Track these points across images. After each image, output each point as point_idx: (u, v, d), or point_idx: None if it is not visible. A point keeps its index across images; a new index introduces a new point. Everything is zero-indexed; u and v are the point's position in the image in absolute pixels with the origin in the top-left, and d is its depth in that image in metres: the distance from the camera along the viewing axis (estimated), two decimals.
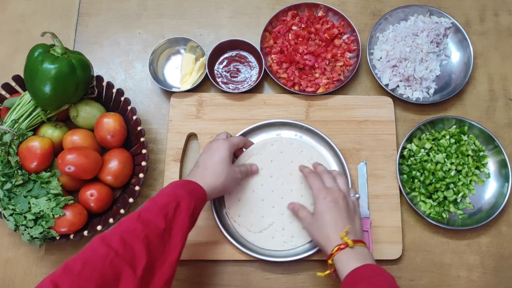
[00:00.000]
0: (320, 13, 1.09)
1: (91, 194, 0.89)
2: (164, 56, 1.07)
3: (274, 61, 1.05)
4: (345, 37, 1.08)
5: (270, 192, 0.92)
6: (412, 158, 0.99)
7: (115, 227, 0.67)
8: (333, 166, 0.97)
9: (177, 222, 0.70)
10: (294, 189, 0.93)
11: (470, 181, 0.98)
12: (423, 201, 0.96)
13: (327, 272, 0.78)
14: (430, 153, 0.98)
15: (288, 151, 0.95)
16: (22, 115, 0.91)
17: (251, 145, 0.95)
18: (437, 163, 0.97)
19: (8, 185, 0.86)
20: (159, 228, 0.68)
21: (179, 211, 0.71)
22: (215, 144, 0.86)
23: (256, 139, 0.98)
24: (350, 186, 0.92)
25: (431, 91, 1.04)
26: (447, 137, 0.99)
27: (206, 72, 1.02)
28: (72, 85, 0.89)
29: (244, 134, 0.98)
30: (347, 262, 0.74)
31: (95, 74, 0.97)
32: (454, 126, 1.00)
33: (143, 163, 0.91)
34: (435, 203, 0.96)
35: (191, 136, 1.01)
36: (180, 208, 0.71)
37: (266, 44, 1.07)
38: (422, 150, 0.99)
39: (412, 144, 0.99)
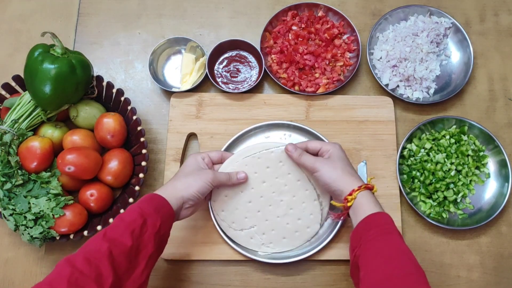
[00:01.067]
0: (320, 13, 1.09)
1: (91, 194, 0.89)
2: (164, 56, 1.07)
3: (274, 61, 1.05)
4: (345, 37, 1.08)
5: (259, 197, 0.89)
6: (412, 158, 0.99)
7: (80, 249, 0.67)
8: None
9: (144, 240, 0.70)
10: (285, 200, 0.89)
11: (470, 181, 0.98)
12: (423, 201, 0.96)
13: (342, 204, 0.80)
14: (430, 153, 0.98)
15: (288, 162, 0.89)
16: (22, 115, 0.91)
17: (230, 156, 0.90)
18: (437, 163, 0.97)
19: (8, 185, 0.86)
20: (125, 246, 0.67)
21: (145, 228, 0.70)
22: (186, 159, 0.86)
23: (251, 141, 0.98)
24: None
25: (431, 91, 1.04)
26: (447, 137, 0.99)
27: (206, 72, 1.02)
28: (72, 85, 0.89)
29: (243, 135, 0.98)
30: (368, 205, 0.76)
31: (95, 74, 0.97)
32: (454, 126, 1.00)
33: (143, 163, 0.91)
34: (435, 203, 0.96)
35: (191, 136, 1.01)
36: (147, 225, 0.70)
37: (266, 44, 1.07)
38: (422, 150, 0.99)
39: (412, 144, 0.99)
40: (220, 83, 1.03)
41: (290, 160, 0.88)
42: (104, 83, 0.97)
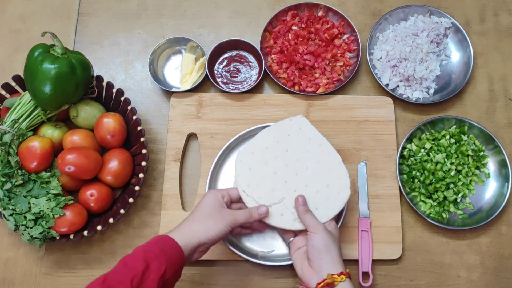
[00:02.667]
0: (320, 13, 1.09)
1: (91, 194, 0.89)
2: (164, 56, 1.07)
3: (274, 61, 1.05)
4: (345, 37, 1.08)
5: (284, 166, 0.86)
6: (412, 158, 0.99)
7: None
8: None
9: (145, 286, 0.66)
10: (310, 167, 0.86)
11: (470, 181, 0.98)
12: (423, 201, 0.96)
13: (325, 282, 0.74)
14: (430, 153, 0.98)
15: (307, 128, 0.89)
16: (22, 115, 0.91)
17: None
18: (437, 163, 0.97)
19: (8, 185, 0.86)
20: None
21: (148, 273, 0.67)
22: (205, 196, 0.81)
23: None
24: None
25: (431, 91, 1.04)
26: (447, 137, 0.99)
27: (206, 72, 1.02)
28: (72, 85, 0.89)
29: (243, 135, 0.98)
30: None
31: (95, 74, 0.97)
32: (454, 126, 1.00)
33: (143, 163, 0.91)
34: (435, 203, 0.96)
35: (191, 136, 1.01)
36: (150, 270, 0.67)
37: (266, 44, 1.07)
38: (422, 150, 0.99)
39: (412, 144, 0.99)
40: (220, 83, 1.03)
41: (308, 126, 0.88)
42: (104, 83, 0.97)
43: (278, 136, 0.88)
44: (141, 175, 0.90)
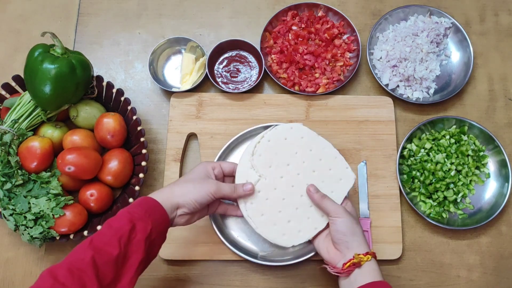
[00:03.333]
0: (320, 13, 1.09)
1: (91, 194, 0.89)
2: (164, 56, 1.07)
3: (274, 61, 1.05)
4: (345, 37, 1.08)
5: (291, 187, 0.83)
6: (412, 158, 0.99)
7: (65, 258, 0.65)
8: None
9: (132, 246, 0.67)
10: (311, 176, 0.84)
11: (470, 181, 0.98)
12: (423, 201, 0.96)
13: (351, 262, 0.75)
14: (430, 153, 0.98)
15: (309, 136, 0.86)
16: (22, 115, 0.91)
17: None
18: (437, 163, 0.97)
19: (8, 185, 0.86)
20: (111, 254, 0.65)
21: (134, 234, 0.67)
22: (198, 165, 0.82)
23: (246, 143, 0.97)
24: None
25: (431, 91, 1.04)
26: (447, 137, 0.99)
27: (206, 72, 1.02)
28: (72, 85, 0.89)
29: (243, 135, 0.98)
30: (370, 273, 0.74)
31: (95, 74, 0.97)
32: (454, 126, 1.00)
33: (143, 163, 0.91)
34: (435, 203, 0.96)
35: (191, 136, 1.01)
36: (136, 230, 0.68)
37: (266, 44, 1.07)
38: (422, 150, 0.99)
39: (412, 144, 0.99)
40: (220, 83, 1.03)
41: (310, 134, 0.85)
42: (104, 83, 0.97)
43: (279, 147, 0.84)
44: (141, 175, 0.90)
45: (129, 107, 0.95)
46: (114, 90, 0.97)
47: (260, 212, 0.82)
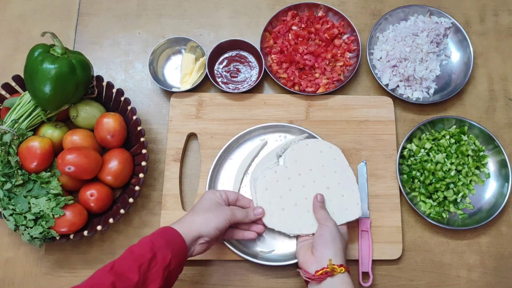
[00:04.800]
0: (320, 13, 1.09)
1: (91, 194, 0.89)
2: (164, 56, 1.07)
3: (274, 61, 1.05)
4: (345, 37, 1.08)
5: (302, 187, 0.90)
6: (412, 158, 0.99)
7: (87, 280, 0.67)
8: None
9: (152, 274, 0.68)
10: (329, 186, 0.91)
11: (470, 181, 0.98)
12: (423, 201, 0.96)
13: (323, 270, 0.76)
14: (430, 153, 0.98)
15: (325, 153, 0.94)
16: (22, 115, 0.91)
17: (248, 202, 0.89)
18: (437, 163, 0.97)
19: (8, 185, 0.86)
20: (131, 281, 0.66)
21: (154, 262, 0.69)
22: (204, 194, 0.85)
23: (251, 142, 0.99)
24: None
25: (431, 91, 1.04)
26: (447, 137, 1.00)
27: (206, 72, 1.02)
28: (72, 85, 0.89)
29: (243, 135, 0.98)
30: (342, 284, 0.74)
31: (95, 74, 0.97)
32: (454, 126, 1.00)
33: (143, 163, 0.91)
34: (435, 203, 0.96)
35: (191, 136, 1.01)
36: (156, 259, 0.69)
37: (266, 44, 1.07)
38: (422, 150, 0.99)
39: (412, 144, 0.99)
40: (220, 83, 1.03)
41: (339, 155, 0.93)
42: (104, 83, 0.97)
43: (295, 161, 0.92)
44: (141, 175, 0.90)
45: (129, 107, 0.95)
46: (114, 90, 0.96)
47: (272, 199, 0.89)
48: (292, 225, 0.87)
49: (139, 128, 0.93)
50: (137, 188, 0.90)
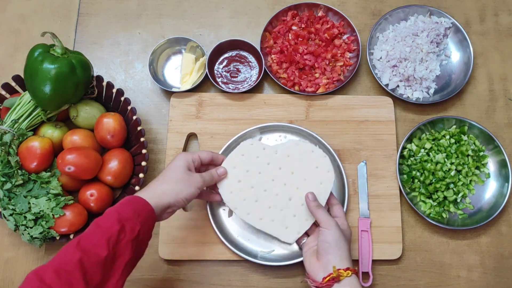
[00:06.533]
0: (320, 13, 1.09)
1: (91, 194, 0.89)
2: (164, 56, 1.07)
3: (274, 61, 1.05)
4: (345, 37, 1.08)
5: (271, 181, 0.87)
6: (412, 158, 0.99)
7: (52, 259, 0.64)
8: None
9: (121, 247, 0.66)
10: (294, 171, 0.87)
11: (470, 181, 0.98)
12: (423, 201, 0.96)
13: (330, 277, 0.74)
14: (430, 153, 0.98)
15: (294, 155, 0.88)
16: (22, 115, 0.91)
17: (222, 159, 0.87)
18: (437, 163, 0.97)
19: (8, 185, 0.86)
20: (99, 256, 0.64)
21: (123, 234, 0.67)
22: (176, 158, 0.81)
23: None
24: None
25: (431, 91, 1.04)
26: (447, 137, 0.99)
27: (206, 72, 1.02)
28: (72, 85, 0.89)
29: (244, 135, 0.98)
30: None
31: (95, 74, 0.97)
32: (454, 126, 1.00)
33: (143, 163, 0.91)
34: (435, 203, 0.96)
35: (191, 136, 1.01)
36: (125, 231, 0.67)
37: (266, 44, 1.07)
38: (422, 150, 0.99)
39: (412, 144, 0.99)
40: (220, 83, 1.03)
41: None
42: (104, 83, 0.97)
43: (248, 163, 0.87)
44: (141, 175, 0.90)
45: (129, 107, 0.95)
46: (114, 90, 0.97)
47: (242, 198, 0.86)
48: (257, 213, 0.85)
49: (139, 128, 0.93)
50: (137, 188, 0.90)
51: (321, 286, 0.75)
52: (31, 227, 0.86)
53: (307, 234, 0.86)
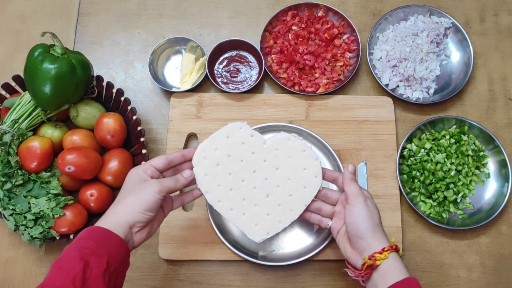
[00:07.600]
0: (320, 13, 1.09)
1: (91, 194, 0.89)
2: (164, 56, 1.07)
3: (274, 61, 1.05)
4: (345, 37, 1.08)
5: (252, 172, 0.80)
6: (412, 158, 0.99)
7: None
8: (327, 165, 0.97)
9: (90, 285, 0.60)
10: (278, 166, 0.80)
11: (470, 181, 0.98)
12: (423, 201, 0.96)
13: (370, 262, 0.69)
14: (430, 153, 0.98)
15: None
16: (22, 115, 0.91)
17: (178, 159, 0.78)
18: (437, 163, 0.97)
19: (8, 185, 0.86)
20: None
21: (89, 272, 0.61)
22: (127, 175, 0.74)
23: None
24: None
25: (431, 91, 1.04)
26: (447, 137, 1.00)
27: (206, 72, 1.02)
28: (72, 85, 0.89)
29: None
30: (398, 269, 0.69)
31: (95, 74, 0.97)
32: (454, 126, 1.00)
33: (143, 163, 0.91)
34: (435, 203, 0.96)
35: (191, 136, 1.01)
36: (90, 267, 0.61)
37: (266, 44, 1.07)
38: (422, 150, 0.99)
39: (412, 144, 0.99)
40: (220, 83, 1.03)
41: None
42: (104, 83, 0.97)
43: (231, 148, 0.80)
44: None
45: (129, 107, 0.95)
46: (114, 90, 0.97)
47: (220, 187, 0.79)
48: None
49: (139, 128, 0.93)
50: None
51: (360, 275, 0.71)
52: (31, 227, 0.86)
53: (330, 218, 0.79)
